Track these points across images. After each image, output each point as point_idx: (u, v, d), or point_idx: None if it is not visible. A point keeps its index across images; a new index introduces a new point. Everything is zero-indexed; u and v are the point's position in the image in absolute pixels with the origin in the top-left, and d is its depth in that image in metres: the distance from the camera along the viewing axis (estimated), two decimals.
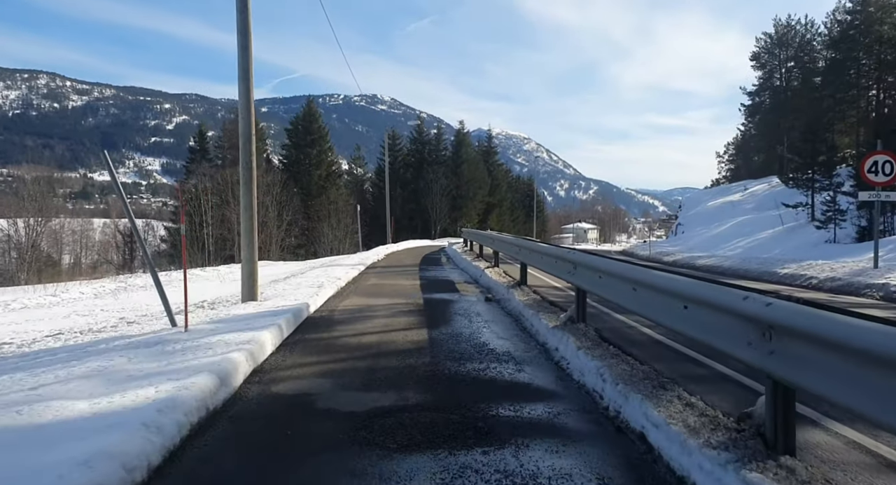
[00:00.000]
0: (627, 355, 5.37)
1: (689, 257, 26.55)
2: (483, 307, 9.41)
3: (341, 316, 8.65)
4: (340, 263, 18.36)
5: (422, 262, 20.69)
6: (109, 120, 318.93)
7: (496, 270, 13.54)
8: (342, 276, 13.58)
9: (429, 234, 59.80)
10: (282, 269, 24.99)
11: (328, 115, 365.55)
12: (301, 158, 58.21)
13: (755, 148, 68.65)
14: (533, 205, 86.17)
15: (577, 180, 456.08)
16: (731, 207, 48.74)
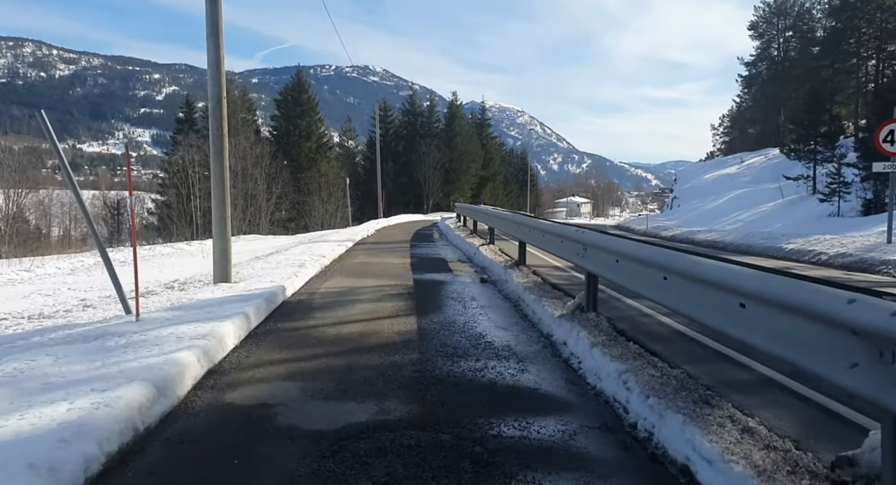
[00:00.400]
0: (652, 355, 4.53)
1: (688, 232, 25.76)
2: (478, 290, 8.55)
3: (321, 300, 7.77)
4: (328, 239, 17.44)
5: (413, 238, 19.80)
6: (98, 90, 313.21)
7: (491, 248, 12.66)
8: (327, 253, 12.68)
9: (421, 208, 58.83)
10: (268, 244, 24.09)
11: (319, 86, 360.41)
12: (291, 129, 56.79)
13: (751, 120, 67.63)
14: (526, 179, 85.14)
15: (571, 154, 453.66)
16: (727, 179, 47.91)
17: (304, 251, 13.12)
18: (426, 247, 15.99)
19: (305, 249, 13.64)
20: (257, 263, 11.26)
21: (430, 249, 15.10)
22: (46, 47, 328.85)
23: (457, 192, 64.75)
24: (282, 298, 7.60)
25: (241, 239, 30.17)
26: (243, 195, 47.96)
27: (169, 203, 51.95)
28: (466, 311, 6.97)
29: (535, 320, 6.27)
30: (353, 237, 18.46)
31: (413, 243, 17.13)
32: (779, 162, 47.23)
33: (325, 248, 14.01)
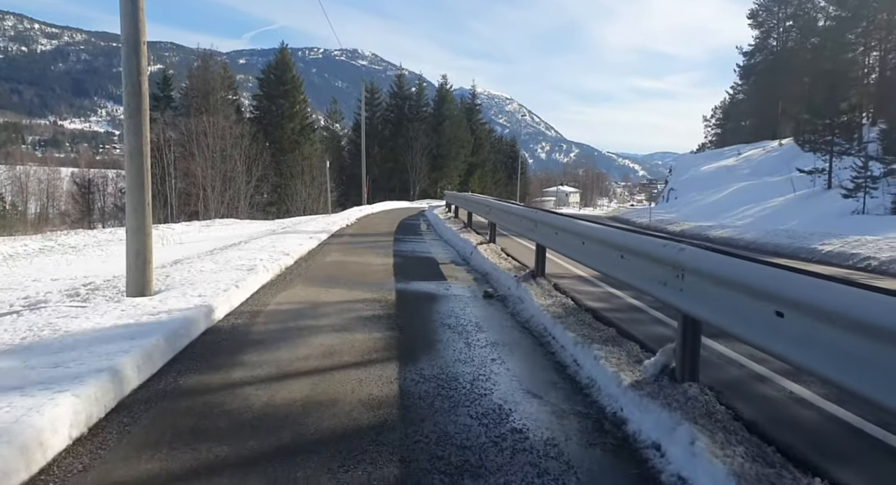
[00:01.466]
0: None
1: (697, 227, 23.67)
2: (483, 311, 6.26)
3: (264, 328, 5.43)
4: (300, 230, 15.05)
5: (398, 229, 17.44)
6: (81, 66, 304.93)
7: (492, 249, 10.33)
8: (294, 249, 10.32)
9: (408, 195, 56.40)
10: (238, 231, 21.72)
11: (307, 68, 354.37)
12: (273, 109, 53.93)
13: (747, 111, 65.64)
14: (515, 167, 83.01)
15: (559, 142, 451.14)
16: (726, 172, 45.95)
17: (267, 245, 10.75)
18: (413, 241, 13.67)
19: (270, 243, 11.27)
20: (201, 263, 8.88)
21: (417, 245, 12.77)
22: (28, 21, 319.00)
23: (445, 178, 62.35)
24: (205, 324, 5.24)
25: (216, 223, 27.84)
26: (221, 177, 45.33)
27: None
28: (471, 352, 4.69)
29: (584, 381, 3.99)
30: (330, 228, 16.09)
31: (397, 237, 14.79)
32: (778, 154, 45.40)
33: (293, 241, 11.65)
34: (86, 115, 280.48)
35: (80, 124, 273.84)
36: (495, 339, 5.15)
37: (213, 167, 44.75)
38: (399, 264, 9.72)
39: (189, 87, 52.66)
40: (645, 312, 6.24)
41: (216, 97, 50.04)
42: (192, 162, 44.57)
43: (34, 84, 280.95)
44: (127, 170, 6.51)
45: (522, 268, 8.25)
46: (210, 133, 44.82)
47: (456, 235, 13.25)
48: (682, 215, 33.07)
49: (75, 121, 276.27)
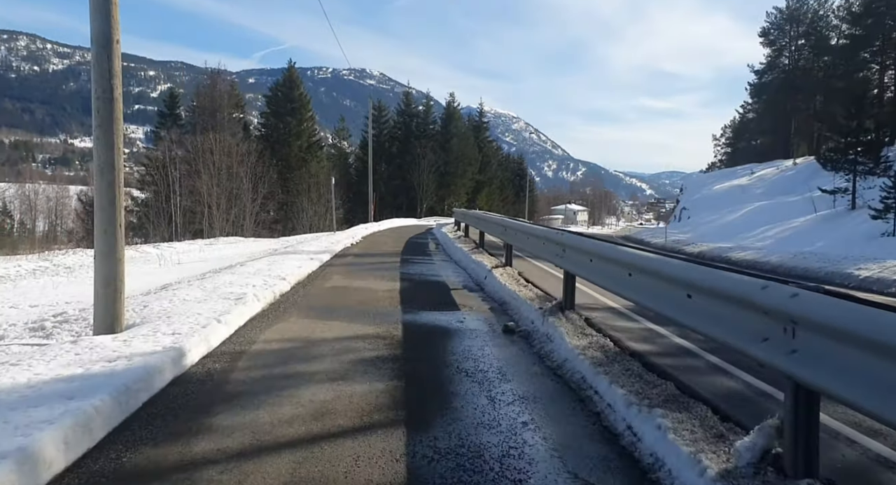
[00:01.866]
0: None
1: (717, 249, 22.68)
2: (505, 353, 5.34)
3: (244, 376, 4.51)
4: (301, 250, 14.18)
5: (405, 249, 16.56)
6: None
7: (509, 273, 9.41)
8: (290, 273, 9.45)
9: (414, 212, 55.66)
10: (240, 249, 20.98)
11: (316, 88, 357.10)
12: (280, 127, 53.54)
13: (759, 130, 64.81)
14: (522, 184, 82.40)
15: (566, 161, 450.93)
16: (739, 191, 45.02)
17: (264, 269, 9.88)
18: (421, 263, 12.78)
19: (267, 265, 10.40)
20: (192, 286, 8.01)
21: (425, 267, 11.88)
22: (41, 41, 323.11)
23: (452, 196, 61.62)
24: (173, 372, 4.33)
25: (220, 242, 27.14)
26: (227, 195, 44.75)
27: (147, 201, 48.55)
28: (496, 411, 3.78)
29: (647, 460, 3.05)
30: (334, 247, 15.23)
31: (405, 257, 13.90)
32: (793, 173, 44.50)
33: (292, 263, 10.78)
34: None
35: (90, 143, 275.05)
36: (524, 391, 4.23)
37: (218, 185, 44.17)
38: (406, 290, 8.82)
39: (196, 104, 52.38)
40: (699, 357, 5.30)
41: (223, 115, 49.70)
42: (197, 180, 44.03)
43: (46, 103, 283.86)
44: (96, 186, 5.68)
45: (546, 297, 7.34)
46: (216, 150, 44.32)
47: (467, 256, 12.36)
48: (698, 235, 32.10)
49: (85, 139, 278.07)
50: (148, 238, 46.38)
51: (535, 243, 7.87)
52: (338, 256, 13.94)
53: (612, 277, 4.79)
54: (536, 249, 7.78)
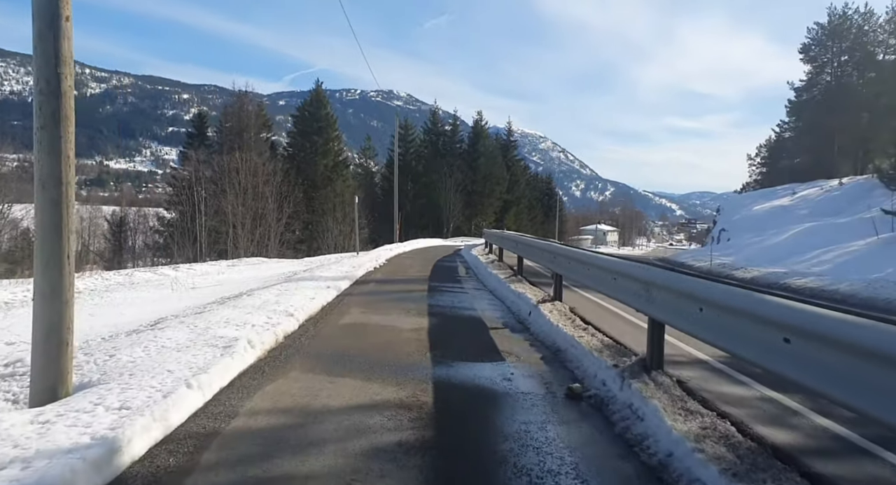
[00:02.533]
0: None
1: (770, 274, 20.78)
2: (576, 435, 3.80)
3: (204, 481, 3.11)
4: (318, 276, 12.80)
5: (433, 274, 15.12)
6: (127, 108, 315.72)
7: (560, 309, 7.86)
8: (301, 306, 8.06)
9: (441, 232, 54.37)
10: (257, 273, 19.75)
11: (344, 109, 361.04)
12: (307, 146, 52.89)
13: (799, 149, 62.30)
14: (551, 204, 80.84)
15: (594, 181, 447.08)
16: (782, 212, 42.76)
17: (271, 300, 8.52)
18: (451, 292, 11.31)
19: (276, 296, 9.05)
20: (181, 326, 6.65)
21: (456, 297, 10.40)
22: (80, 66, 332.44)
23: (479, 215, 60.26)
24: (99, 480, 2.94)
25: (242, 263, 26.09)
26: (252, 215, 43.99)
27: (172, 221, 48.08)
28: None
29: None
30: (355, 272, 13.86)
31: (433, 284, 12.44)
32: (840, 193, 42.16)
33: (305, 293, 9.41)
34: (131, 156, 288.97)
35: (125, 164, 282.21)
36: None
37: (243, 204, 43.45)
38: (436, 329, 7.34)
39: (224, 124, 52.10)
40: (876, 457, 3.68)
41: (250, 135, 49.22)
42: (223, 199, 43.40)
43: (83, 126, 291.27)
44: (36, 205, 4.34)
45: (617, 348, 5.79)
46: (242, 170, 43.68)
47: (504, 284, 10.85)
48: (743, 258, 30.10)
49: (120, 161, 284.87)
50: (173, 259, 45.80)
51: (602, 278, 6.29)
52: (358, 282, 12.55)
53: (750, 340, 3.23)
54: (605, 286, 6.20)
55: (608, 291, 6.08)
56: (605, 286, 6.14)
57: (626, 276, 5.33)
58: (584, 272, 7.01)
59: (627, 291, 5.27)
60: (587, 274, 6.85)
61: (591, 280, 6.72)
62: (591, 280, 6.67)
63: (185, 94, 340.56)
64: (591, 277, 6.65)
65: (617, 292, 5.69)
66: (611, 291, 5.93)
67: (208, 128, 53.79)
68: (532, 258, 11.28)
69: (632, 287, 5.10)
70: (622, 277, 5.44)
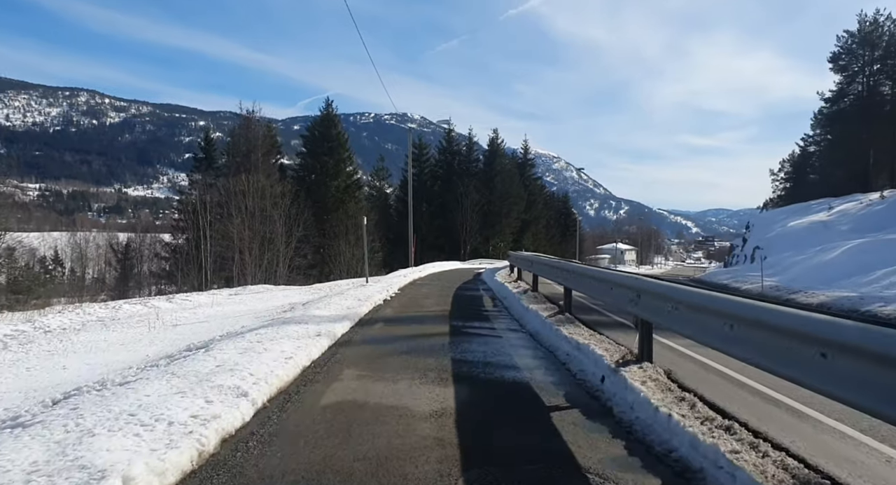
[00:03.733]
0: None
1: (843, 299, 17.89)
2: None
3: None
4: (312, 316, 10.17)
5: (454, 307, 12.47)
6: (145, 136, 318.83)
7: (654, 376, 5.18)
8: (270, 371, 5.46)
9: (458, 254, 51.75)
10: (255, 305, 17.34)
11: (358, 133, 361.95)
12: (317, 167, 50.77)
13: (830, 162, 59.17)
14: (568, 223, 78.37)
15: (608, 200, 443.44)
16: (822, 228, 39.72)
17: (230, 361, 5.94)
18: (480, 335, 8.66)
19: (241, 353, 6.47)
20: (56, 425, 4.08)
21: (489, 347, 7.74)
22: (99, 96, 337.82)
23: (497, 236, 57.65)
24: None
25: (246, 291, 23.71)
26: (259, 239, 41.66)
27: (177, 248, 45.94)
28: None
29: None
30: (359, 308, 11.26)
31: (455, 324, 9.79)
32: (884, 207, 39.12)
33: (283, 346, 6.81)
34: (148, 183, 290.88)
35: (142, 191, 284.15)
36: None
37: (250, 228, 41.13)
38: (468, 414, 4.69)
39: (231, 145, 50.28)
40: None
41: (258, 156, 47.18)
42: (229, 224, 41.20)
43: (102, 154, 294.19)
44: None
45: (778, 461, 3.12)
46: (249, 192, 41.48)
47: (550, 327, 8.19)
48: (790, 279, 27.12)
49: (138, 188, 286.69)
50: (178, 286, 43.58)
51: (713, 328, 3.64)
52: (362, 323, 9.92)
53: None
54: (734, 345, 3.57)
55: (738, 352, 3.42)
56: (734, 345, 3.49)
57: (797, 336, 2.68)
58: (695, 321, 4.33)
59: (795, 358, 2.62)
60: (707, 327, 4.15)
61: (711, 337, 4.03)
62: (714, 338, 3.97)
63: (201, 120, 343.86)
64: (707, 329, 3.96)
65: (779, 364, 3.03)
66: (756, 357, 3.27)
67: (216, 151, 52.03)
68: (591, 293, 8.46)
69: (802, 352, 2.45)
70: (790, 336, 2.79)
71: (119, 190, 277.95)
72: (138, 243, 50.60)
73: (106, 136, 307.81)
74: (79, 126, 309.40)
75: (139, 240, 51.71)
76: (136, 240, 52.29)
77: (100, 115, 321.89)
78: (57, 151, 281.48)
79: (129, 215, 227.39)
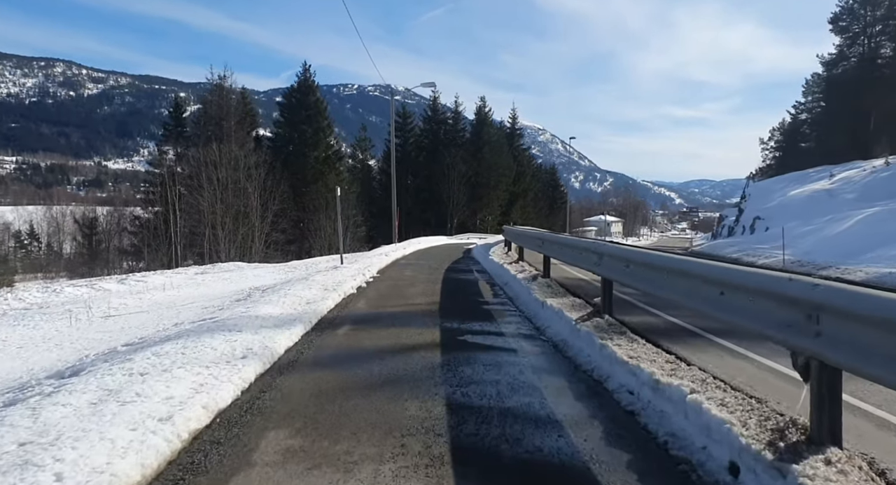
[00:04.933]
0: None
1: (886, 276, 15.57)
2: None
3: None
4: (256, 315, 7.46)
5: (444, 298, 9.81)
6: (125, 108, 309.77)
7: None
8: (105, 466, 2.88)
9: (444, 228, 49.05)
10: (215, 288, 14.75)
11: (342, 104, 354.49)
12: (295, 136, 47.49)
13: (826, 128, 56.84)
14: (555, 196, 76.01)
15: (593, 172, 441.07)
16: (826, 196, 37.41)
17: (63, 431, 3.33)
18: (483, 348, 6.05)
19: (129, 378, 3.84)
20: None
21: (500, 372, 5.13)
22: (76, 67, 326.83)
23: (485, 209, 54.97)
24: None
25: (215, 269, 21.05)
26: (233, 213, 38.56)
27: (146, 222, 42.74)
28: None
29: None
30: (322, 303, 8.59)
31: (448, 327, 7.15)
32: (891, 174, 36.96)
33: (178, 388, 4.22)
34: (129, 155, 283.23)
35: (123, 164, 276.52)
36: None
37: (223, 201, 38.00)
38: None
39: (202, 112, 46.83)
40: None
41: (230, 124, 43.77)
42: (199, 197, 38.06)
43: (81, 127, 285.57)
44: None
45: None
46: (220, 163, 38.24)
47: (585, 336, 5.61)
48: (804, 252, 24.83)
49: (119, 161, 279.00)
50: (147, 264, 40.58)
51: None
52: (321, 327, 7.24)
53: None
54: None
55: None
56: None
57: None
58: None
59: None
60: None
61: None
62: None
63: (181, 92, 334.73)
64: None
65: None
66: None
67: (187, 120, 48.62)
68: (674, 296, 5.04)
69: None
70: None
71: (99, 163, 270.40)
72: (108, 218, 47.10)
73: (84, 108, 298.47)
74: (56, 98, 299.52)
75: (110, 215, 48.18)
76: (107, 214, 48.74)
77: (77, 87, 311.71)
78: (34, 122, 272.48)
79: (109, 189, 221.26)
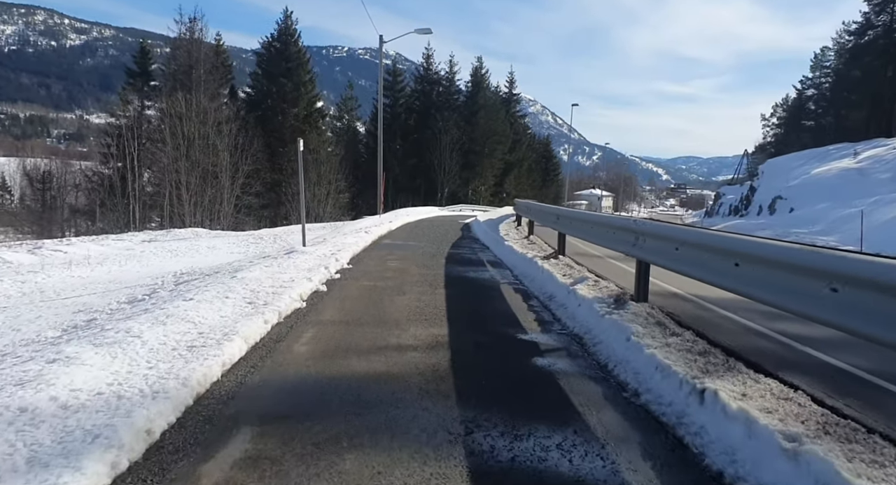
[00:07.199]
0: None
1: None
2: None
3: None
4: (34, 398, 3.33)
5: (453, 321, 5.64)
6: (108, 61, 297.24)
7: None
8: None
9: (434, 198, 44.68)
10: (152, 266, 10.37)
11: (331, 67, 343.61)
12: (273, 90, 42.49)
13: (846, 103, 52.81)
14: (549, 167, 72.04)
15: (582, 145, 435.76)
16: (858, 176, 33.56)
17: None
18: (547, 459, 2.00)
19: None
20: None
21: None
22: (58, 16, 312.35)
23: (478, 178, 50.62)
24: None
25: (169, 236, 17.02)
26: (200, 173, 33.81)
27: (102, 179, 37.85)
28: None
29: None
30: (225, 345, 4.45)
31: (471, 425, 3.11)
32: None
33: None
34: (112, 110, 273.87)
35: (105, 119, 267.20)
36: None
37: (188, 157, 33.22)
38: None
39: (170, 57, 41.71)
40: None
41: (199, 72, 38.70)
42: (161, 152, 33.30)
43: (62, 78, 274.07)
44: None
45: None
46: (187, 116, 33.35)
47: None
48: (855, 240, 21.07)
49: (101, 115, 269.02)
50: (103, 225, 35.97)
51: None
52: (168, 451, 3.06)
53: None
54: None
55: None
56: None
57: None
58: None
59: None
60: None
61: None
62: None
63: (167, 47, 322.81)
64: None
65: None
66: None
67: (154, 64, 43.49)
68: None
69: None
70: None
71: (80, 117, 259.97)
72: (60, 171, 42.01)
73: (66, 59, 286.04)
74: (36, 47, 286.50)
75: (61, 168, 43.03)
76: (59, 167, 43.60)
77: (59, 37, 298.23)
78: (13, 71, 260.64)
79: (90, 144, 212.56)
